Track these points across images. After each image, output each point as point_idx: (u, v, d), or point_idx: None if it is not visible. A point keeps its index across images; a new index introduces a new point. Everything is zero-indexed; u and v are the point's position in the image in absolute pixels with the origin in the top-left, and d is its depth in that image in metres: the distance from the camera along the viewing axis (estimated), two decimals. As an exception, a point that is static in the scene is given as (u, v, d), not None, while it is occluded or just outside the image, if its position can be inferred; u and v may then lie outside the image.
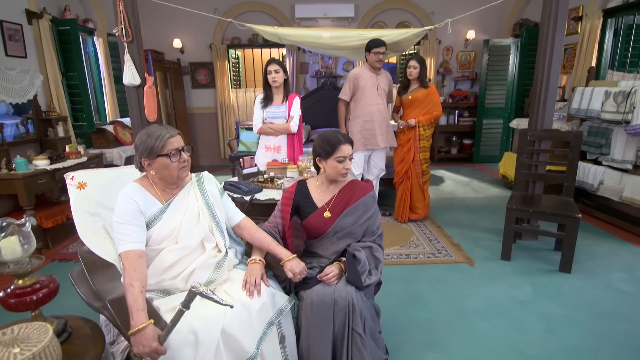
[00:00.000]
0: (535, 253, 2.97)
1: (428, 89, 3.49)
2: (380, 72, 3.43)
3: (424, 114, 3.49)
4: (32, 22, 3.68)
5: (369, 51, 3.29)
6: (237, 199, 2.13)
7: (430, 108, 3.50)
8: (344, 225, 1.63)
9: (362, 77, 3.36)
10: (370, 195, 1.69)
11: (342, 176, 1.65)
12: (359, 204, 1.65)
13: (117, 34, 2.70)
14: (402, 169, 3.60)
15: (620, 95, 3.22)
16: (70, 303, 2.10)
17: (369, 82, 3.36)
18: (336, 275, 1.53)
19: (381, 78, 3.42)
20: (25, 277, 1.22)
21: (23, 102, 3.44)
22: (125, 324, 1.21)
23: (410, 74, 3.48)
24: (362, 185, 1.72)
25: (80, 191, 1.64)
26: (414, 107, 3.52)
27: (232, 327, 1.31)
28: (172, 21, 5.92)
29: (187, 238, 1.45)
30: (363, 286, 1.51)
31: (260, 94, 2.90)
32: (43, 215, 3.12)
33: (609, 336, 2.00)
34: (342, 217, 1.63)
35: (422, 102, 3.49)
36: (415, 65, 3.45)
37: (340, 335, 1.49)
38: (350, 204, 1.64)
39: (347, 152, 1.61)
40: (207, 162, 6.62)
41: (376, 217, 1.70)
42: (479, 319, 2.16)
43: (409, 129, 3.51)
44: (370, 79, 3.37)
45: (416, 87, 3.51)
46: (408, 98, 3.52)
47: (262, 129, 2.86)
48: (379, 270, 1.62)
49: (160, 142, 1.37)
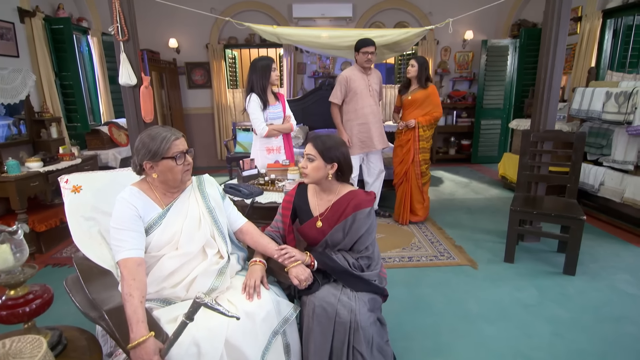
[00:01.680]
0: (538, 255, 2.94)
1: (428, 90, 3.44)
2: (371, 71, 3.38)
3: (424, 114, 3.45)
4: (25, 20, 3.60)
5: (358, 51, 3.24)
6: (238, 202, 2.07)
7: (431, 109, 3.46)
8: (336, 240, 1.57)
9: (354, 80, 3.30)
10: (364, 212, 1.53)
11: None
12: (349, 220, 1.54)
13: (113, 33, 2.63)
14: (402, 170, 3.56)
15: (622, 95, 3.21)
16: (65, 310, 2.02)
17: (361, 84, 3.31)
18: (293, 257, 1.48)
19: (372, 78, 3.37)
20: (18, 287, 1.16)
21: (15, 102, 3.35)
22: (124, 336, 1.15)
23: (408, 72, 3.46)
24: (360, 198, 1.56)
25: (75, 195, 1.58)
26: (414, 108, 3.47)
27: (236, 337, 1.26)
28: (167, 20, 5.84)
29: (188, 244, 1.39)
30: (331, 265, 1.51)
31: (252, 96, 2.62)
32: (36, 218, 3.04)
33: (617, 340, 1.97)
34: (333, 231, 1.56)
35: (422, 103, 3.44)
36: (413, 64, 3.41)
37: (339, 352, 1.42)
38: (343, 218, 1.55)
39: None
40: (203, 164, 6.54)
41: (367, 236, 1.55)
42: (484, 323, 2.12)
43: (409, 130, 3.47)
44: (362, 81, 3.32)
45: (416, 87, 3.47)
46: (408, 98, 3.48)
47: (269, 133, 2.68)
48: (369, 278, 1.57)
49: (166, 144, 1.32)
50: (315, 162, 1.54)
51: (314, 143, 1.55)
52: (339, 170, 1.58)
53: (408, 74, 3.46)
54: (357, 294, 1.50)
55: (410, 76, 3.45)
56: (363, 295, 1.51)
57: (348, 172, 1.61)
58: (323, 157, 1.53)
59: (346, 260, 1.56)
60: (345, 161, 1.57)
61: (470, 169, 5.98)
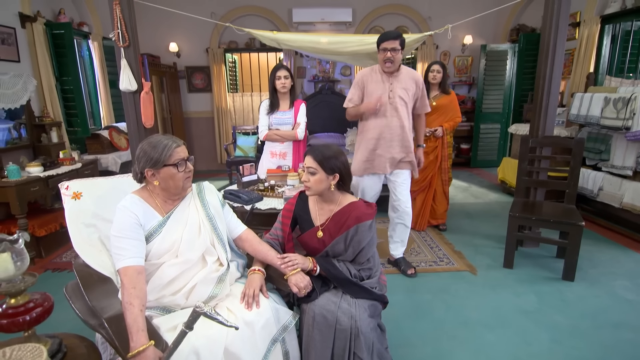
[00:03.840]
0: (537, 260, 2.94)
1: (450, 95, 3.41)
2: (398, 74, 2.53)
3: (447, 120, 3.40)
4: (26, 25, 3.61)
5: (378, 49, 2.52)
6: (237, 209, 2.07)
7: (452, 114, 3.43)
8: (337, 251, 1.58)
9: (369, 82, 2.57)
10: (366, 225, 1.54)
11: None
12: (351, 232, 1.55)
13: (114, 39, 2.65)
14: (425, 177, 3.47)
15: (620, 101, 3.22)
16: (65, 316, 2.02)
17: (378, 89, 2.52)
18: (296, 264, 1.49)
19: (397, 82, 2.52)
20: (18, 296, 1.16)
21: (16, 107, 3.36)
22: (123, 345, 1.15)
23: (434, 78, 3.36)
24: (361, 210, 1.56)
25: (76, 201, 1.59)
26: (438, 114, 3.38)
27: (235, 345, 1.26)
28: (168, 25, 5.86)
29: (188, 252, 1.40)
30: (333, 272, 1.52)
31: (265, 100, 2.83)
32: (36, 223, 3.04)
33: (616, 347, 1.97)
34: (334, 243, 1.57)
35: (445, 109, 3.38)
36: (438, 69, 3.34)
37: (340, 359, 1.43)
38: (344, 229, 1.56)
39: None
40: (203, 167, 6.55)
41: (368, 248, 1.57)
42: (484, 329, 2.12)
43: (434, 138, 3.40)
44: (380, 85, 2.53)
45: (437, 93, 3.41)
46: (432, 104, 3.34)
47: (268, 136, 2.79)
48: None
49: (168, 151, 1.34)
50: (317, 175, 1.54)
51: (313, 155, 1.55)
52: (340, 180, 1.59)
53: (433, 79, 3.36)
54: (357, 301, 1.51)
55: (435, 82, 3.38)
56: (363, 302, 1.52)
57: (349, 181, 1.63)
58: (324, 168, 1.53)
59: (348, 269, 1.57)
60: (345, 170, 1.58)
61: (470, 173, 5.99)
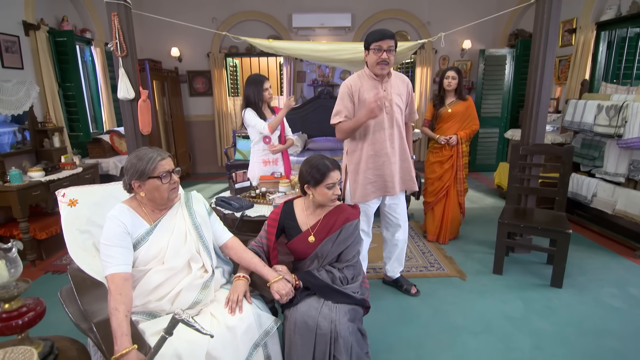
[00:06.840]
0: (528, 267, 2.97)
1: (467, 102, 3.27)
2: (389, 79, 2.24)
3: (463, 128, 3.27)
4: (29, 33, 3.71)
5: (368, 48, 2.15)
6: (228, 215, 2.14)
7: (469, 122, 3.30)
8: (324, 250, 1.67)
9: (363, 89, 2.19)
10: (352, 224, 1.70)
11: (331, 201, 1.68)
12: (340, 231, 1.67)
13: (112, 49, 2.73)
14: (440, 187, 3.37)
15: (613, 109, 3.25)
16: (60, 318, 2.09)
17: (372, 96, 2.12)
18: (288, 293, 1.53)
19: (390, 87, 2.22)
20: (12, 301, 1.23)
21: (19, 113, 3.46)
22: (109, 348, 1.22)
23: (449, 85, 3.23)
24: (348, 212, 1.72)
25: (71, 208, 1.65)
26: (454, 122, 3.27)
27: (217, 349, 1.32)
28: (169, 30, 5.95)
29: (174, 259, 1.46)
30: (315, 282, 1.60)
31: (247, 109, 2.70)
32: (37, 226, 3.13)
33: (597, 354, 2.00)
34: (324, 243, 1.66)
35: (462, 116, 3.26)
36: (454, 75, 3.21)
37: None
38: (333, 231, 1.67)
39: (337, 178, 1.64)
40: (204, 170, 6.64)
41: (353, 247, 1.71)
42: (468, 335, 2.16)
43: (449, 146, 3.29)
44: (376, 91, 2.17)
45: (454, 99, 3.29)
46: (447, 111, 3.26)
47: (272, 125, 2.66)
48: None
49: (152, 164, 1.40)
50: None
51: (337, 166, 1.66)
52: (305, 186, 1.72)
53: (449, 86, 3.24)
54: (337, 306, 1.57)
55: (451, 89, 3.26)
56: (343, 306, 1.58)
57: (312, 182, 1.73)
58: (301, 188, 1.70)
59: (332, 274, 1.63)
60: (302, 177, 1.72)
61: (468, 177, 5.98)
